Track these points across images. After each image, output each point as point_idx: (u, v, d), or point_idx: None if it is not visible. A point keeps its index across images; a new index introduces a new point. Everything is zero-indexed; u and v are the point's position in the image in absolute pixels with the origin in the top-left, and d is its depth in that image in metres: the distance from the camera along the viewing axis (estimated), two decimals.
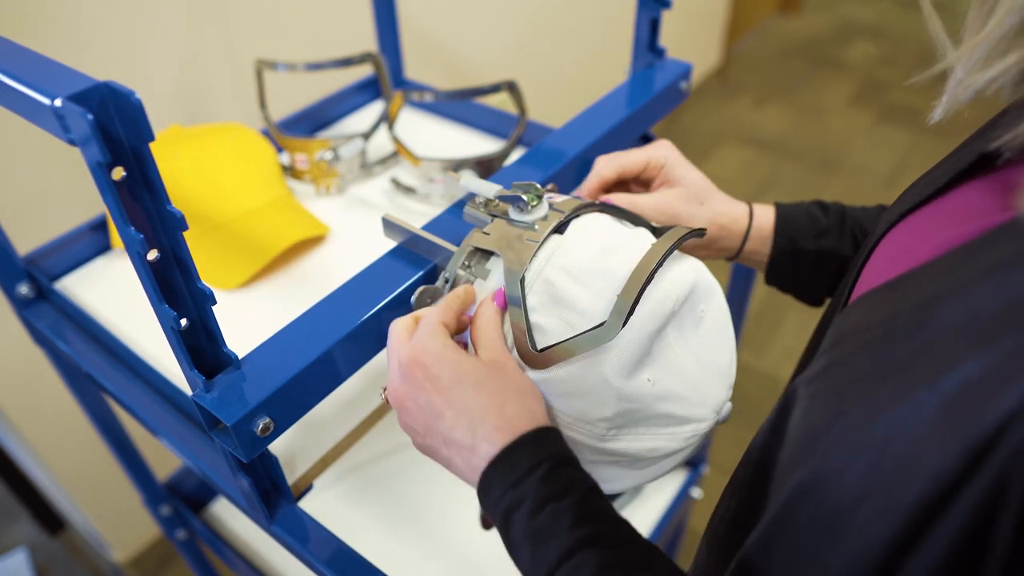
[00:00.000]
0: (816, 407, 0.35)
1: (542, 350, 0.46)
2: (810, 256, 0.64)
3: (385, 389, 0.49)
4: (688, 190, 0.63)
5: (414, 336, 0.46)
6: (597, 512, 0.40)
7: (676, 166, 0.63)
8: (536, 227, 0.50)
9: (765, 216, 0.65)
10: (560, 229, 0.50)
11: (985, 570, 0.27)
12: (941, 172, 0.43)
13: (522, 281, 0.47)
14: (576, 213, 0.51)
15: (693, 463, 1.10)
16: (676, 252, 0.49)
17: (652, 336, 0.46)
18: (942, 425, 0.28)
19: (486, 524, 0.71)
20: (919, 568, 0.29)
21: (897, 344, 0.32)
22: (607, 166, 0.63)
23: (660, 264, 0.45)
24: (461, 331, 0.50)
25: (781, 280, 0.66)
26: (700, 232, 0.50)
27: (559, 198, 0.53)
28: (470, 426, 0.43)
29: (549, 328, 0.47)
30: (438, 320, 0.47)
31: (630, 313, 0.44)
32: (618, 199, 0.61)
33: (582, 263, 0.48)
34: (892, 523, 0.29)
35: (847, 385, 0.34)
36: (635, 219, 0.53)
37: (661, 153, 0.64)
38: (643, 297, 0.45)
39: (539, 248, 0.48)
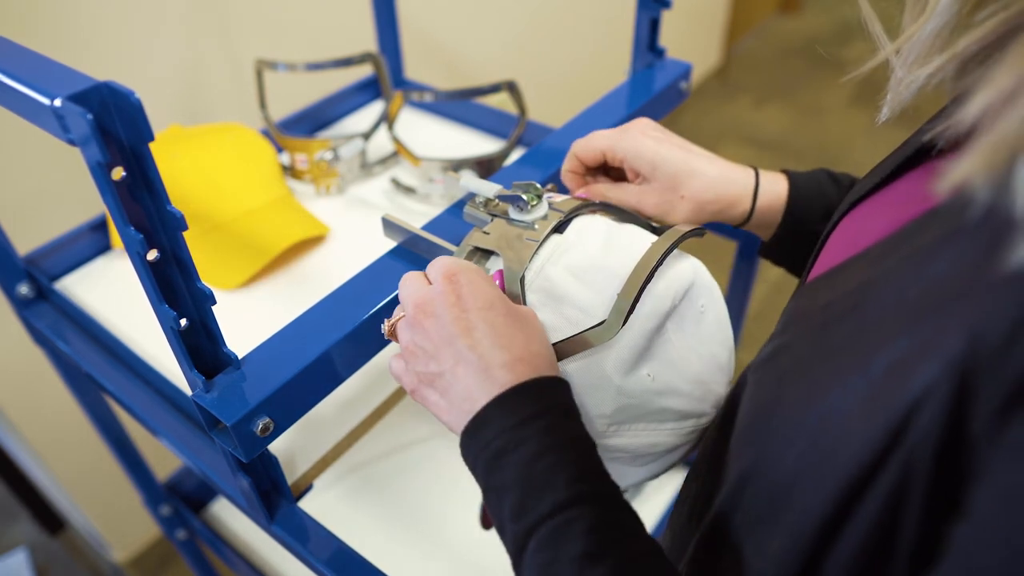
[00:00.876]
0: (760, 393, 0.36)
1: None
2: (816, 236, 0.59)
3: (387, 321, 0.46)
4: (661, 183, 0.56)
5: (448, 259, 0.45)
6: (599, 473, 0.38)
7: (637, 159, 0.56)
8: (536, 227, 0.50)
9: (773, 191, 0.58)
10: (560, 229, 0.50)
11: (897, 555, 0.28)
12: (888, 163, 0.44)
13: (522, 280, 0.47)
14: (576, 213, 0.51)
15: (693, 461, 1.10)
16: (676, 250, 0.49)
17: (652, 332, 0.47)
18: (868, 407, 0.29)
19: (486, 524, 0.71)
20: (845, 548, 0.29)
21: (833, 329, 0.33)
22: (583, 150, 0.59)
23: (659, 264, 0.46)
24: None
25: (778, 256, 0.62)
26: (700, 232, 0.50)
27: (559, 198, 0.53)
28: (492, 347, 0.40)
29: (548, 324, 0.47)
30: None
31: (630, 312, 0.44)
32: (603, 190, 0.58)
33: (582, 261, 0.48)
34: (823, 505, 0.29)
35: (788, 371, 0.34)
36: (635, 219, 0.54)
37: (619, 147, 0.57)
38: (643, 295, 0.45)
39: (539, 247, 0.48)
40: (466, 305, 0.42)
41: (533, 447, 0.38)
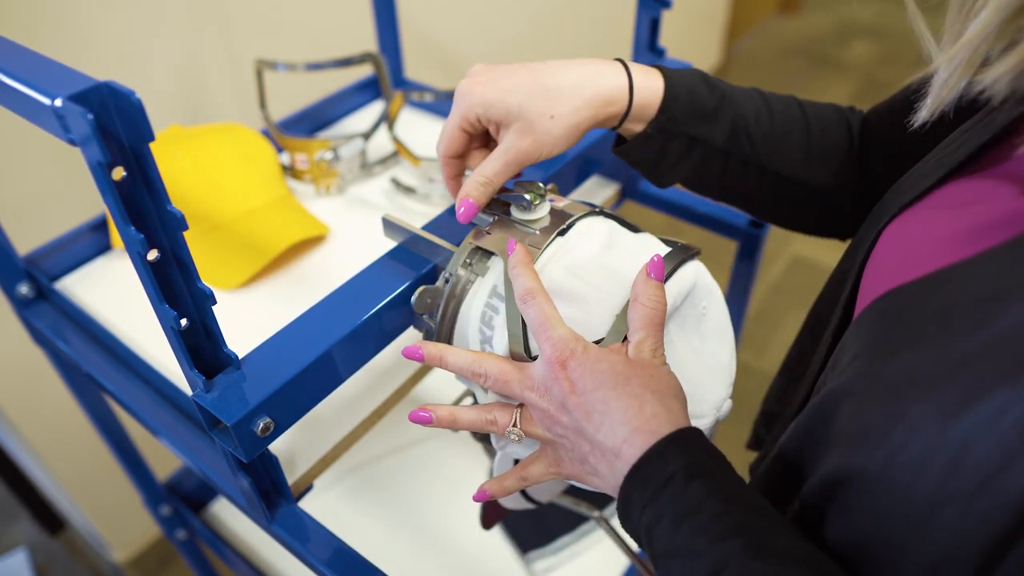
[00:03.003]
0: (866, 409, 0.34)
1: (535, 357, 0.46)
2: (682, 140, 0.55)
3: (514, 426, 0.47)
4: (524, 117, 0.49)
5: (554, 341, 0.44)
6: (736, 526, 0.36)
7: (488, 109, 0.50)
8: (538, 231, 0.50)
9: (649, 88, 0.53)
10: (562, 232, 0.50)
11: None
12: (936, 164, 0.43)
13: None
14: (579, 217, 0.51)
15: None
16: (674, 252, 0.50)
17: None
18: None
19: (486, 524, 0.71)
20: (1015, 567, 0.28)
21: (960, 341, 0.31)
22: (446, 146, 0.53)
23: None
24: None
25: (636, 157, 0.57)
26: (697, 252, 0.51)
27: (561, 202, 0.53)
28: (612, 427, 0.41)
29: None
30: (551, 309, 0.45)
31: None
32: (481, 170, 0.52)
33: (583, 260, 0.48)
34: (984, 528, 0.28)
35: (904, 386, 0.33)
36: (636, 229, 0.54)
37: (466, 106, 0.51)
38: None
39: (541, 254, 0.48)
40: (579, 388, 0.43)
41: (669, 519, 0.38)
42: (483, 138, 0.55)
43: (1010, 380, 0.28)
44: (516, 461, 0.56)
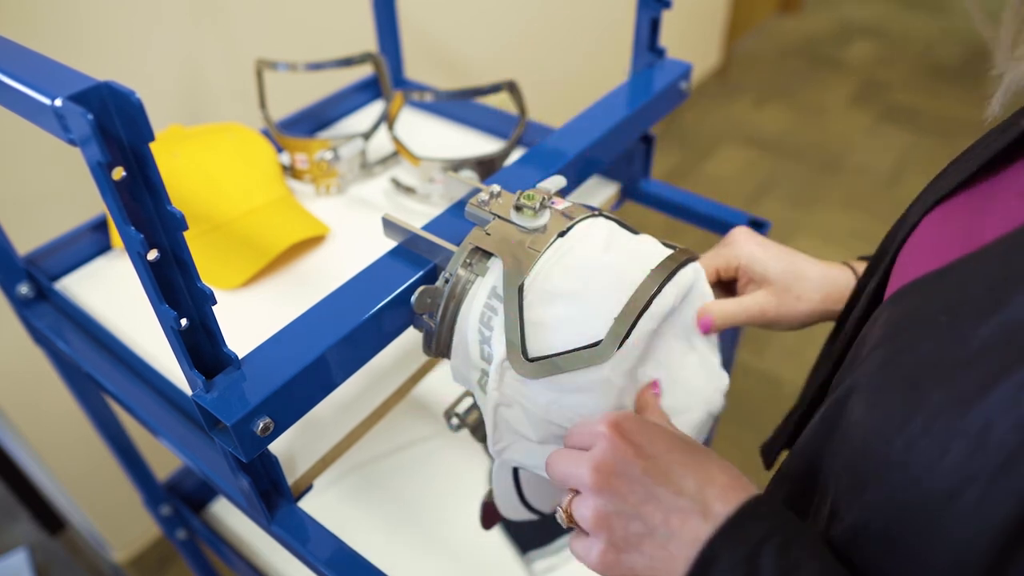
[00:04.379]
0: (885, 400, 0.34)
1: (534, 359, 0.46)
2: None
3: (562, 509, 0.42)
4: (775, 286, 0.56)
5: (600, 416, 0.42)
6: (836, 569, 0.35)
7: (752, 264, 0.56)
8: (538, 232, 0.50)
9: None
10: (562, 234, 0.50)
11: None
12: (972, 158, 0.43)
13: (520, 288, 0.47)
14: (580, 219, 0.51)
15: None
16: (673, 255, 0.50)
17: (650, 334, 0.47)
18: None
19: (486, 524, 0.71)
20: None
21: (972, 328, 0.32)
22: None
23: (659, 290, 0.46)
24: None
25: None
26: (695, 257, 0.51)
27: (561, 203, 0.53)
28: (698, 486, 0.38)
29: (546, 323, 0.47)
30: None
31: (626, 336, 0.45)
32: (723, 305, 0.55)
33: (582, 260, 0.48)
34: (1006, 508, 0.28)
35: (920, 375, 0.33)
36: (635, 231, 0.54)
37: (732, 253, 0.57)
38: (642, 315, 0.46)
39: (540, 256, 0.49)
40: (648, 452, 0.39)
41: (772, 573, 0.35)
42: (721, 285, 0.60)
43: None
44: (516, 469, 0.57)
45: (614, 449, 0.40)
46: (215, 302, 0.44)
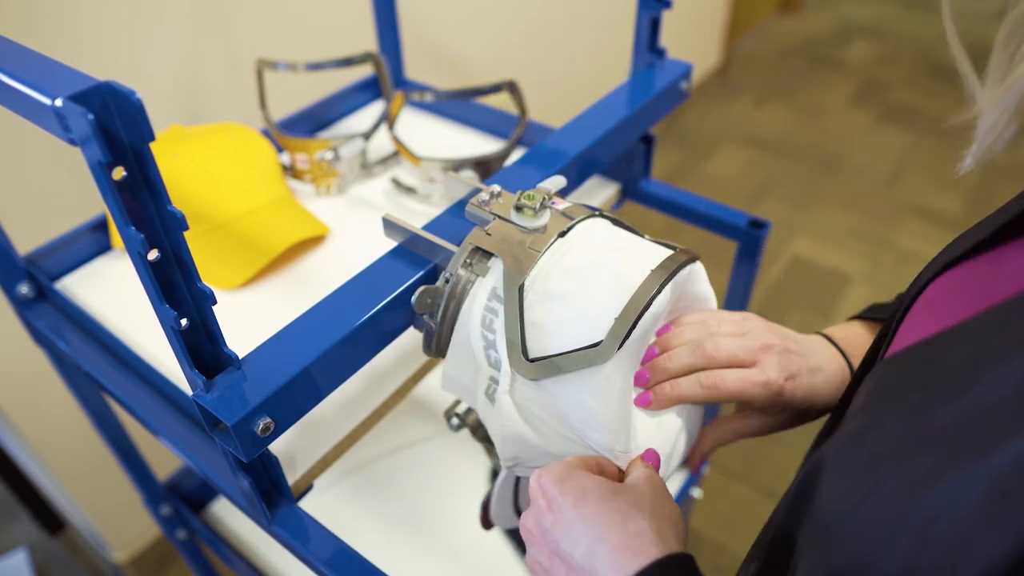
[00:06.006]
0: (847, 477, 0.32)
1: (534, 360, 0.46)
2: None
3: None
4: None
5: (536, 475, 0.43)
6: None
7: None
8: (538, 232, 0.50)
9: (855, 345, 0.55)
10: (562, 234, 0.50)
11: None
12: (986, 225, 0.40)
13: (520, 288, 0.47)
14: (580, 219, 0.51)
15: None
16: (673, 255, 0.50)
17: (648, 333, 0.47)
18: (994, 505, 0.26)
19: (486, 524, 0.71)
20: None
21: (937, 410, 0.30)
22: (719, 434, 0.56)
23: (659, 291, 0.46)
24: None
25: None
26: (695, 257, 0.51)
27: (562, 204, 0.53)
28: (591, 546, 0.39)
29: (546, 323, 0.47)
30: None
31: (626, 337, 0.45)
32: (736, 427, 0.55)
33: (582, 259, 0.48)
34: None
35: (882, 455, 0.31)
36: (635, 231, 0.54)
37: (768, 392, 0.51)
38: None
39: (540, 256, 0.49)
40: (557, 507, 0.41)
41: None
42: None
43: (979, 455, 0.27)
44: (517, 479, 0.57)
45: (535, 504, 0.42)
46: (215, 302, 0.44)
